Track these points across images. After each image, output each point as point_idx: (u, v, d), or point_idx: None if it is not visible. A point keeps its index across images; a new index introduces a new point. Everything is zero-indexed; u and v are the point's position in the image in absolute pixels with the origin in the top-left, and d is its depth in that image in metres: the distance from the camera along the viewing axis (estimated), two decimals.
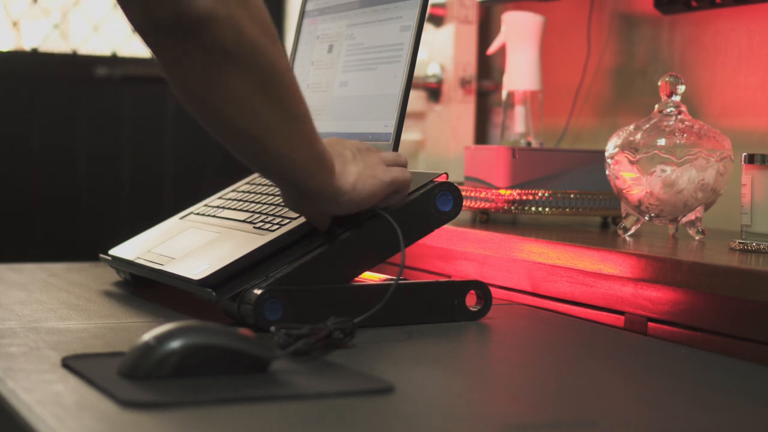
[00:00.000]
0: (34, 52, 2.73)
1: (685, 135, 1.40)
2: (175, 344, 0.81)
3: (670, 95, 1.44)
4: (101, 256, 1.33)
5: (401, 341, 1.02)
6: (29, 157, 2.70)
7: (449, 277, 1.58)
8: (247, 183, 1.34)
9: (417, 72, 1.28)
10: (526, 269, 1.44)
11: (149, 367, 0.81)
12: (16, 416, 0.73)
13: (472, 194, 1.64)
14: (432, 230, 1.12)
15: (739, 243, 1.28)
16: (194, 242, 1.19)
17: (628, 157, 1.41)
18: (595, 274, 1.31)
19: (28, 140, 2.70)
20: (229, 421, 0.72)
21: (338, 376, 0.85)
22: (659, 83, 1.45)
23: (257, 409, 0.75)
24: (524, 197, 1.60)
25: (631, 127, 1.44)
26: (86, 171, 2.74)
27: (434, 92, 2.18)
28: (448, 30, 2.16)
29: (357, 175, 1.05)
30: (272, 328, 0.92)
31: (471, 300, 1.13)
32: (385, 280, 1.15)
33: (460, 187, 1.13)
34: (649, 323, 1.25)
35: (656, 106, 1.45)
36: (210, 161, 2.85)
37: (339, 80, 1.27)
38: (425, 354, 0.98)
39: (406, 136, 2.15)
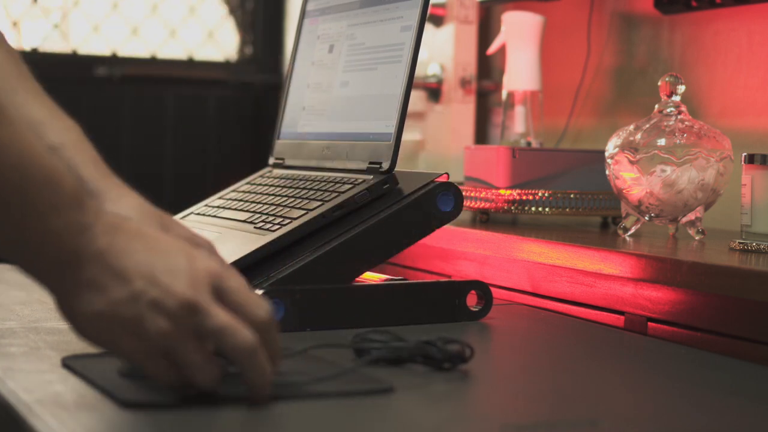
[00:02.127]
0: (34, 52, 2.73)
1: (685, 135, 1.40)
2: None
3: (670, 95, 1.44)
4: None
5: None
6: None
7: (449, 277, 1.58)
8: (248, 183, 1.34)
9: (417, 72, 1.28)
10: (526, 269, 1.44)
11: None
12: (16, 416, 0.73)
13: (472, 194, 1.64)
14: (433, 230, 1.12)
15: (739, 243, 1.29)
16: None
17: (628, 157, 1.41)
18: (595, 274, 1.31)
19: None
20: (229, 421, 0.72)
21: (338, 376, 0.84)
22: (659, 83, 1.45)
23: (257, 409, 0.75)
24: (524, 197, 1.60)
25: (631, 127, 1.44)
26: None
27: (434, 92, 2.18)
28: (448, 30, 2.16)
29: (92, 322, 0.72)
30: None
31: (471, 300, 1.13)
32: (385, 280, 1.15)
33: (460, 187, 1.13)
34: (649, 323, 1.25)
35: (656, 106, 1.45)
36: (210, 161, 2.85)
37: (340, 80, 1.27)
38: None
39: (406, 136, 2.15)
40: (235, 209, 1.24)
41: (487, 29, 2.27)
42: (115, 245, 0.72)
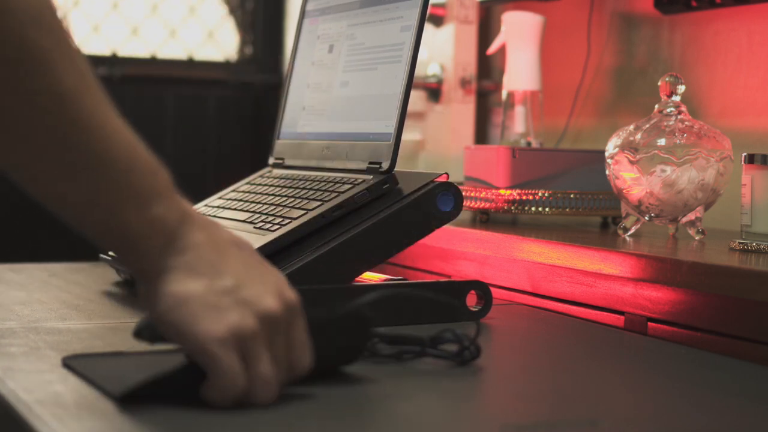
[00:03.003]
0: None
1: (685, 135, 1.40)
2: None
3: (670, 95, 1.44)
4: (101, 256, 1.33)
5: None
6: None
7: (449, 277, 1.58)
8: (248, 183, 1.34)
9: (417, 72, 1.28)
10: (526, 269, 1.44)
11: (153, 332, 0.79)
12: (16, 416, 0.73)
13: (472, 194, 1.64)
14: (432, 230, 1.12)
15: (739, 243, 1.29)
16: None
17: (628, 157, 1.41)
18: (595, 274, 1.31)
19: None
20: (229, 421, 0.72)
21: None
22: (659, 83, 1.45)
23: (257, 409, 0.75)
24: (524, 197, 1.60)
25: (631, 127, 1.44)
26: None
27: (434, 92, 2.18)
28: (448, 30, 2.16)
29: (180, 302, 0.72)
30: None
31: (471, 300, 1.13)
32: (385, 280, 1.15)
33: (460, 187, 1.13)
34: (649, 323, 1.25)
35: (656, 106, 1.45)
36: (210, 161, 2.85)
37: (340, 80, 1.27)
38: None
39: (406, 136, 2.15)
40: (235, 209, 1.24)
41: (487, 29, 2.27)
42: (213, 241, 0.75)
